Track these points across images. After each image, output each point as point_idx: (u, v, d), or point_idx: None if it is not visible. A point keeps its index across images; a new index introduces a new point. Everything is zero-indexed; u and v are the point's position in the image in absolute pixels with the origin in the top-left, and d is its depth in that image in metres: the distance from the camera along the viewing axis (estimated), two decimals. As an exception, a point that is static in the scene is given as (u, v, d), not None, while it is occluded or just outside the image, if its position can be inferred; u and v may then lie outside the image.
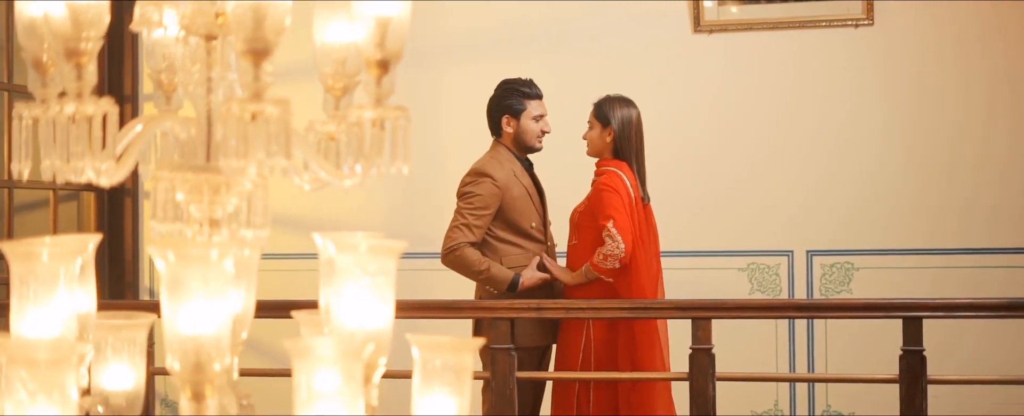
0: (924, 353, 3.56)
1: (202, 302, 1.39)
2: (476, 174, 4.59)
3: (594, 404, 4.34)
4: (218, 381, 1.42)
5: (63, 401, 1.33)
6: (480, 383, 4.29)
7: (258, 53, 1.43)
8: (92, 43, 1.44)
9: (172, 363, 1.41)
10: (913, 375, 3.51)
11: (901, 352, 3.60)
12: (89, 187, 5.94)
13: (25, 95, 5.80)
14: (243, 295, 1.71)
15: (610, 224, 4.30)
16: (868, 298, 5.17)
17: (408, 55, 5.61)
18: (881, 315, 3.76)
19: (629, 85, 5.87)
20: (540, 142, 4.68)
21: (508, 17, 6.16)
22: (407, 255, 5.24)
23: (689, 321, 3.94)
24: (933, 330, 3.86)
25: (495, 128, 4.71)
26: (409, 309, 4.35)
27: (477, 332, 4.50)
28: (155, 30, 1.64)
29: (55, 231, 5.79)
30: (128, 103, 6.46)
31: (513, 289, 4.51)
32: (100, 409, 1.67)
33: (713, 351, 3.71)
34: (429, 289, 5.47)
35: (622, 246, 4.27)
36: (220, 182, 1.57)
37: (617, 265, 4.30)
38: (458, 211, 4.57)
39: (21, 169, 1.49)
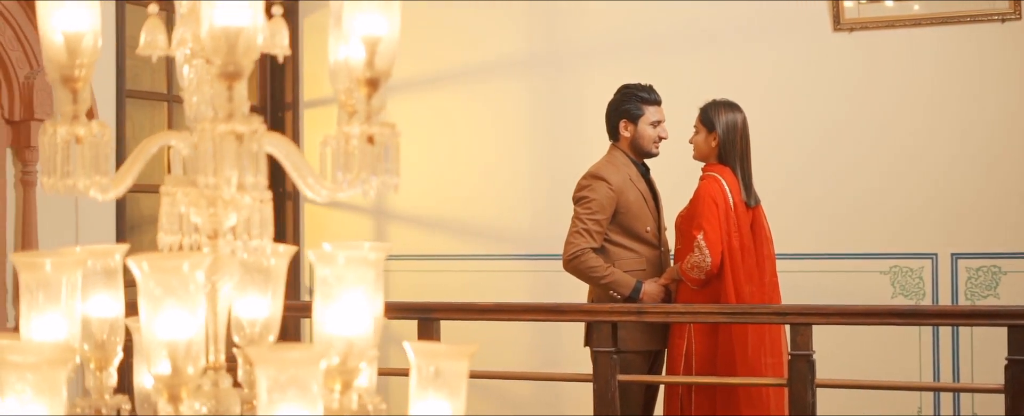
0: (1031, 362, 3.43)
1: (174, 311, 1.49)
2: (591, 177, 4.62)
3: (694, 408, 4.34)
4: (192, 384, 1.51)
5: (54, 404, 1.43)
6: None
7: (230, 76, 1.52)
8: (86, 70, 1.55)
9: (150, 367, 1.51)
10: (1019, 385, 3.38)
11: (1006, 361, 3.47)
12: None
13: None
14: (270, 301, 1.82)
15: (700, 236, 4.34)
16: (973, 305, 4.98)
17: (551, 58, 5.67)
18: (985, 323, 3.64)
19: (769, 85, 5.81)
20: (657, 148, 4.68)
21: (648, 18, 6.16)
22: (548, 256, 5.26)
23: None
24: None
25: (613, 132, 4.74)
26: (516, 312, 4.43)
27: (589, 334, 4.54)
28: (160, 53, 1.74)
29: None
30: (289, 110, 6.70)
31: (635, 295, 4.52)
32: (126, 407, 1.79)
33: (813, 357, 3.65)
34: (574, 290, 5.46)
35: (708, 259, 4.30)
36: (217, 196, 1.66)
37: (702, 276, 4.35)
38: (576, 216, 4.61)
39: (53, 183, 1.62)
